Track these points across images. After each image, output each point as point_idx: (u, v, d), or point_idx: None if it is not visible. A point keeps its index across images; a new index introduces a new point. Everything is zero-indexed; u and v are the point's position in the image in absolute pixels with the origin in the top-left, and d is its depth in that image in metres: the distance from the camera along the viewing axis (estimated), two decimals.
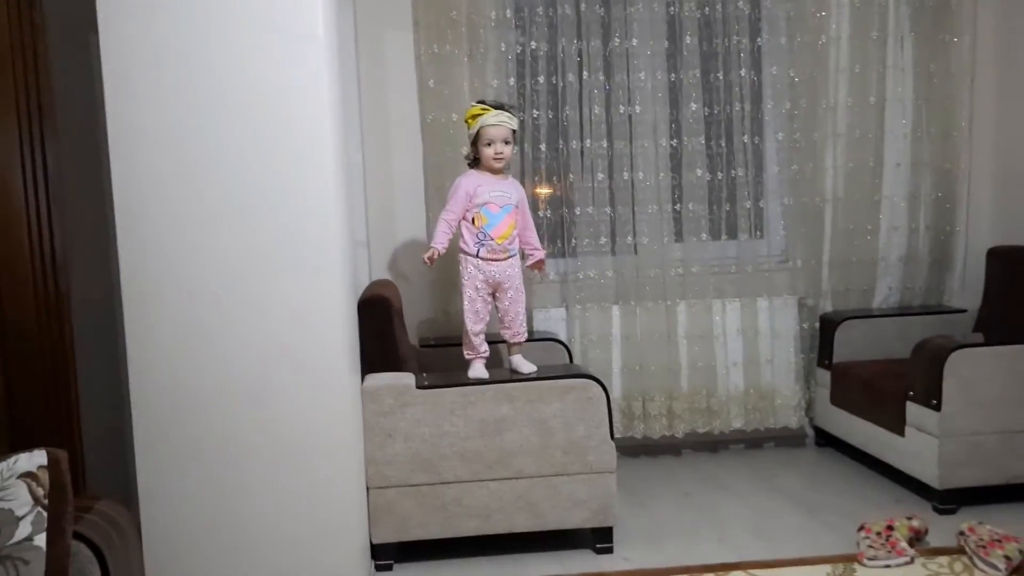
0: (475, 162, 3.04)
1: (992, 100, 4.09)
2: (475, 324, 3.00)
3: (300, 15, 2.44)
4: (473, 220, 2.97)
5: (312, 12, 2.45)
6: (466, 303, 3.00)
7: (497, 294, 3.04)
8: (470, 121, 2.99)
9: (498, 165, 2.98)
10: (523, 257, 3.14)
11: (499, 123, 2.94)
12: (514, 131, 3.00)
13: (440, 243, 2.98)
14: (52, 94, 2.60)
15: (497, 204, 2.97)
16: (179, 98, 2.42)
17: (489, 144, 2.95)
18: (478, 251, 2.98)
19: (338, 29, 2.73)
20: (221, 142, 2.45)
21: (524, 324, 3.09)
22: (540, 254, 3.15)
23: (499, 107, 2.98)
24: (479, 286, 2.99)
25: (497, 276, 3.00)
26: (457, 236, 3.02)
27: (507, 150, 2.97)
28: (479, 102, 3.04)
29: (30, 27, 2.51)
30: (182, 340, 2.47)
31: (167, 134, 2.43)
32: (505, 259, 3.01)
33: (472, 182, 2.98)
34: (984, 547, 2.68)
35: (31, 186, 2.51)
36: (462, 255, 3.02)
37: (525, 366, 3.04)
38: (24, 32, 2.49)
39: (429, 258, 2.98)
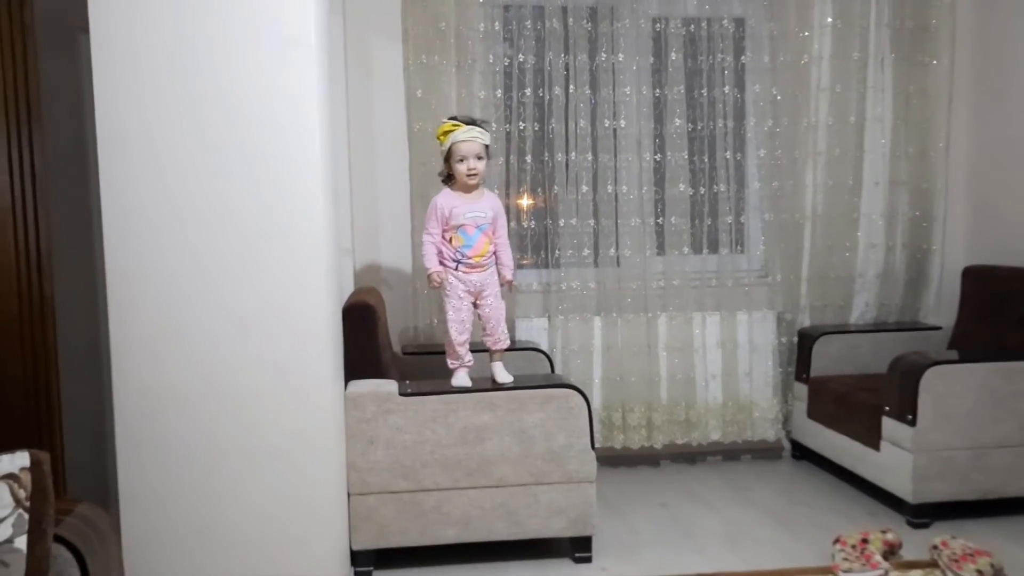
0: (449, 178, 3.01)
1: (969, 121, 4.17)
2: (460, 334, 3.01)
3: (291, 20, 2.46)
4: (450, 240, 2.99)
5: (303, 17, 2.46)
6: (450, 313, 3.01)
7: (478, 301, 3.05)
8: (441, 138, 2.96)
9: (471, 182, 2.95)
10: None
11: (470, 139, 2.91)
12: (487, 146, 2.97)
13: (435, 265, 2.99)
14: (40, 93, 2.60)
15: (473, 225, 2.97)
16: (168, 100, 2.43)
17: (461, 160, 2.92)
18: (456, 266, 3.00)
19: (327, 36, 2.75)
20: (209, 145, 2.45)
21: (505, 331, 3.10)
22: (508, 273, 3.09)
23: (471, 122, 2.95)
24: (462, 295, 3.01)
25: (477, 284, 3.01)
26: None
27: (480, 165, 2.94)
28: (451, 118, 3.00)
29: (20, 26, 2.51)
30: (166, 343, 2.47)
31: (156, 136, 2.43)
32: (483, 270, 3.02)
33: (447, 203, 2.96)
34: (957, 561, 2.72)
35: (18, 185, 2.50)
36: (443, 268, 3.04)
37: (503, 375, 3.05)
38: (14, 31, 2.49)
39: (438, 283, 2.99)
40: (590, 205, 3.96)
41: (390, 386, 2.93)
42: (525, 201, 3.99)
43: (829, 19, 4.01)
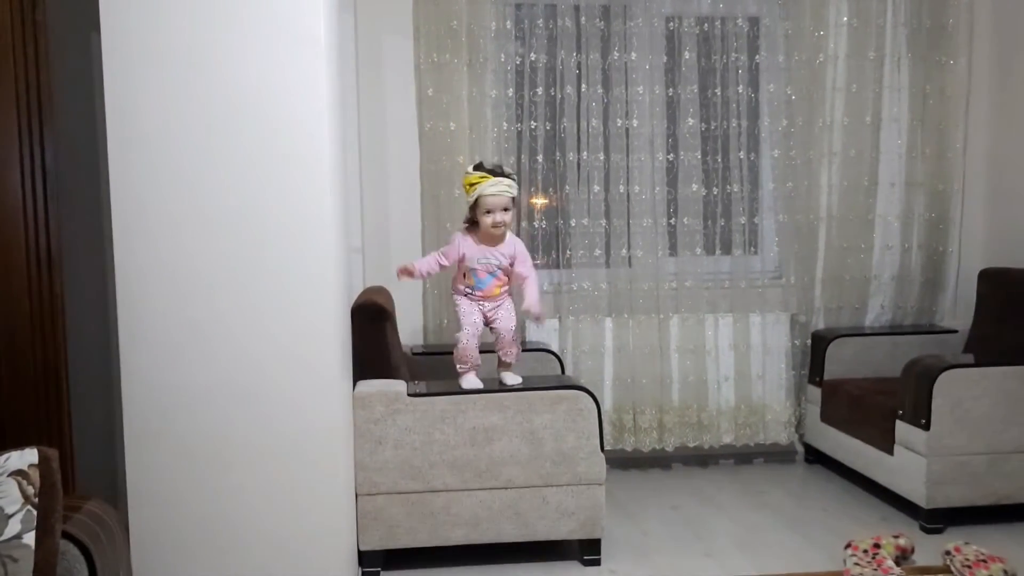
0: (473, 223, 2.97)
1: (986, 122, 4.13)
2: (469, 338, 2.99)
3: (301, 17, 2.45)
4: (464, 274, 2.99)
5: (313, 15, 2.46)
6: (461, 317, 3.00)
7: (490, 316, 3.03)
8: (468, 189, 2.92)
9: (496, 233, 2.93)
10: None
11: (498, 192, 2.87)
12: (513, 198, 2.93)
13: (421, 270, 2.98)
14: (52, 92, 2.60)
15: (484, 271, 2.96)
16: (179, 98, 2.43)
17: (488, 212, 2.90)
18: (467, 294, 3.01)
19: (339, 34, 2.75)
20: (219, 143, 2.45)
21: (518, 344, 3.09)
22: (534, 308, 3.01)
23: (499, 173, 2.91)
24: (472, 300, 3.01)
25: (488, 308, 3.02)
26: (452, 271, 3.06)
27: (506, 217, 2.91)
28: (476, 167, 2.95)
29: (32, 24, 2.52)
30: (175, 341, 2.47)
31: (166, 134, 2.44)
32: (494, 300, 3.02)
33: (467, 246, 2.95)
34: (970, 567, 2.69)
35: (29, 183, 2.51)
36: (454, 287, 3.06)
37: (510, 378, 3.04)
38: (26, 29, 2.50)
39: (403, 271, 2.96)
40: (602, 205, 3.94)
41: (399, 386, 2.92)
42: (537, 201, 3.98)
43: (845, 18, 3.97)
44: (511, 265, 2.99)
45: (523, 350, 3.23)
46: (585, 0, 3.86)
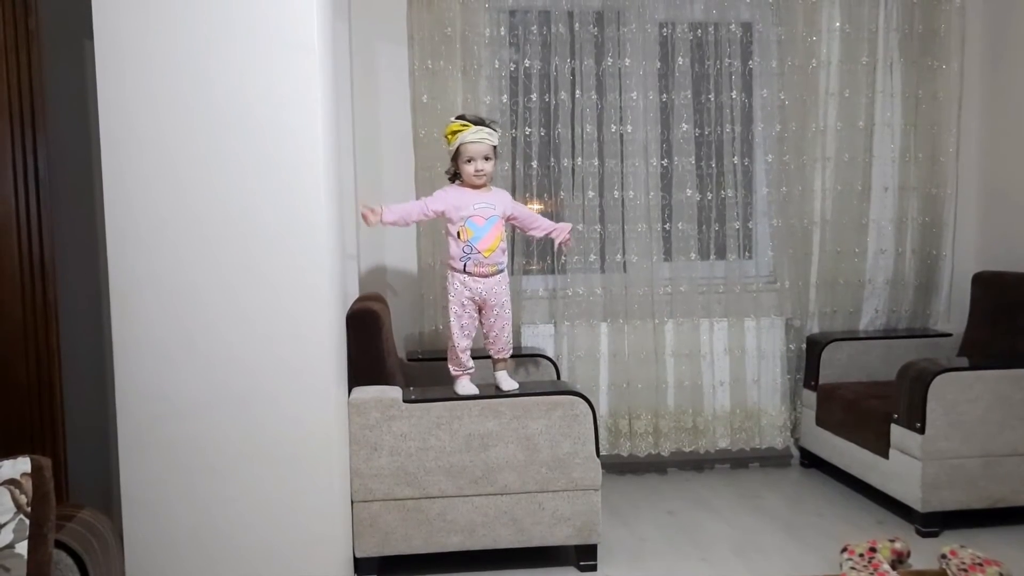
0: (456, 177, 3.02)
1: (979, 126, 4.14)
2: (462, 340, 3.00)
3: (294, 25, 2.45)
4: (459, 234, 2.97)
5: (306, 23, 2.46)
6: (452, 319, 3.00)
7: (483, 310, 3.03)
8: (450, 137, 2.96)
9: (479, 181, 2.96)
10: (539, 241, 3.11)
11: (479, 140, 2.92)
12: (494, 147, 2.98)
13: (395, 215, 2.96)
14: (45, 99, 2.60)
15: (483, 216, 2.96)
16: (172, 106, 2.43)
17: (470, 161, 2.93)
18: (465, 265, 2.97)
19: (332, 41, 2.75)
20: (213, 150, 2.45)
21: (510, 340, 3.09)
22: (562, 226, 3.15)
23: (479, 123, 2.96)
24: (464, 302, 3.00)
25: (483, 293, 3.00)
26: (444, 250, 3.01)
27: (487, 166, 2.95)
28: (459, 118, 3.01)
29: (24, 32, 2.52)
30: (169, 349, 2.47)
31: (160, 142, 2.43)
32: (492, 274, 3.01)
33: (457, 195, 2.98)
34: (966, 570, 2.69)
35: (22, 191, 2.51)
36: (449, 271, 3.02)
37: (507, 383, 3.04)
38: (19, 37, 2.50)
39: (369, 215, 2.94)
40: (596, 211, 3.95)
41: (394, 392, 2.92)
42: (531, 206, 3.98)
43: (837, 23, 3.99)
44: (507, 217, 3.04)
45: (519, 355, 3.23)
46: (579, 6, 3.87)
